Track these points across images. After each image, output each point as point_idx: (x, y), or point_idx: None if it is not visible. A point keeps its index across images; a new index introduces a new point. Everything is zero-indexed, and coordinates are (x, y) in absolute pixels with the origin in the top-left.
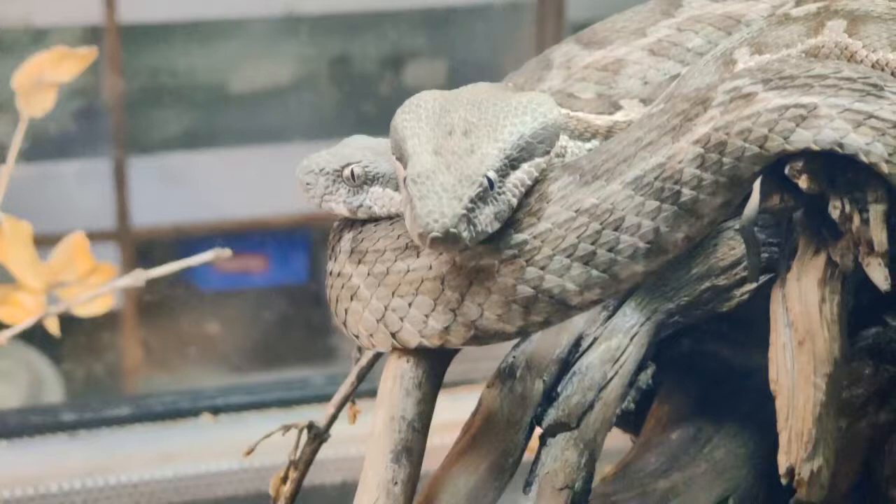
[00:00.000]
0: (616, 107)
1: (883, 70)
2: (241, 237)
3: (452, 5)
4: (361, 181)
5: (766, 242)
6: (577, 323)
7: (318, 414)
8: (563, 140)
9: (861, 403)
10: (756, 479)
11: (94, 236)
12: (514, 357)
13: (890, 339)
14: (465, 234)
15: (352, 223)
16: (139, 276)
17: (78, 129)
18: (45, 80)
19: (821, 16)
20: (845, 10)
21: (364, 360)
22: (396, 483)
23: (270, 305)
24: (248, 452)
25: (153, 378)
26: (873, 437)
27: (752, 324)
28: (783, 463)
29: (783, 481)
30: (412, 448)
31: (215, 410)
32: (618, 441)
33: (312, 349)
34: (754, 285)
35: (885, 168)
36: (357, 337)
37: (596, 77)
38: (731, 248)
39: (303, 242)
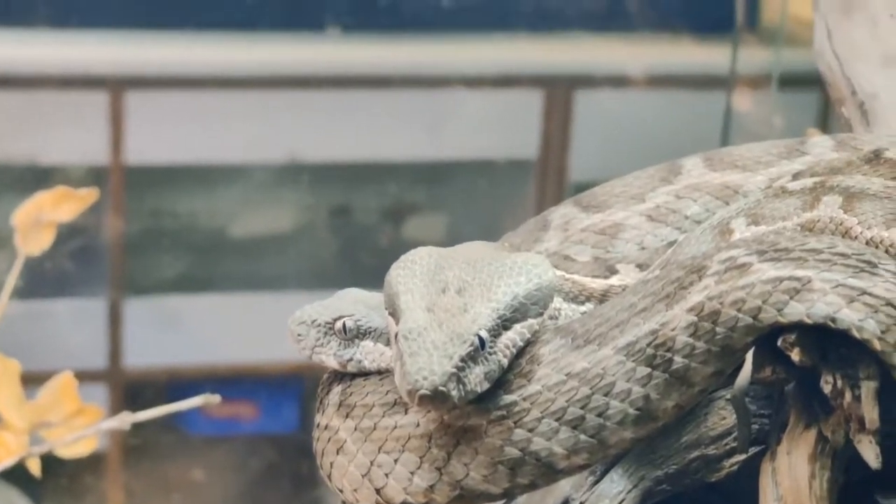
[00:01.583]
0: (612, 271)
1: (877, 247)
2: (233, 383)
3: (454, 160)
4: (353, 335)
5: (757, 414)
6: (564, 487)
7: None
8: (558, 302)
9: None
10: None
11: (85, 376)
12: None
13: None
14: (454, 393)
15: (341, 376)
16: (125, 420)
17: (75, 267)
18: (44, 218)
19: (817, 191)
20: (841, 186)
21: None
22: None
23: (258, 454)
24: None
25: None
26: None
27: (741, 496)
28: None
29: None
30: None
31: None
32: None
33: (299, 501)
34: (744, 456)
35: (877, 345)
36: (341, 491)
37: (593, 240)
38: (722, 417)
39: (294, 391)
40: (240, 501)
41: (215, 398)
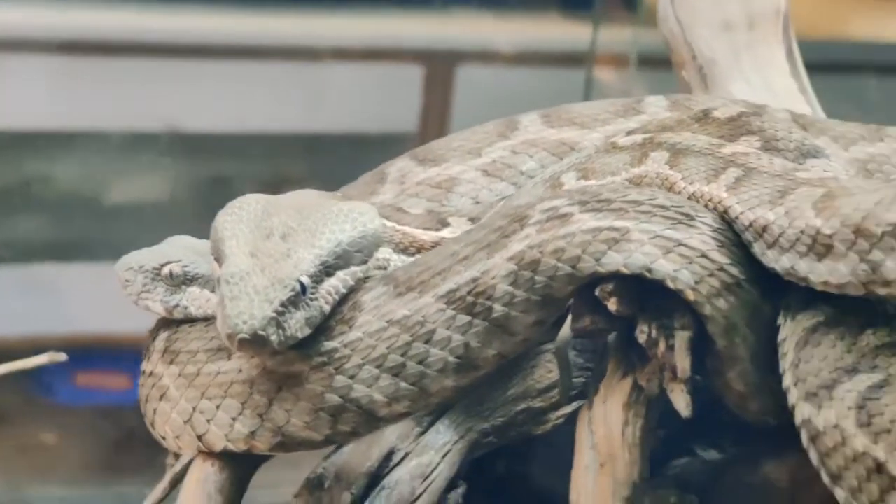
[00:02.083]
0: (444, 224)
1: (698, 202)
2: (105, 354)
3: (334, 132)
4: (180, 281)
5: (583, 367)
6: (389, 437)
7: None
8: (388, 253)
9: None
10: None
11: None
12: (323, 468)
13: (697, 469)
14: (273, 338)
15: (169, 323)
16: None
17: None
18: None
19: (645, 147)
20: (669, 142)
21: (178, 466)
22: None
23: (120, 422)
24: None
25: None
26: None
27: (567, 448)
28: None
29: None
30: None
31: None
32: None
33: (152, 466)
34: (569, 409)
35: (690, 295)
36: (164, 439)
37: (429, 193)
38: (549, 370)
39: None
40: (93, 466)
41: (60, 356)
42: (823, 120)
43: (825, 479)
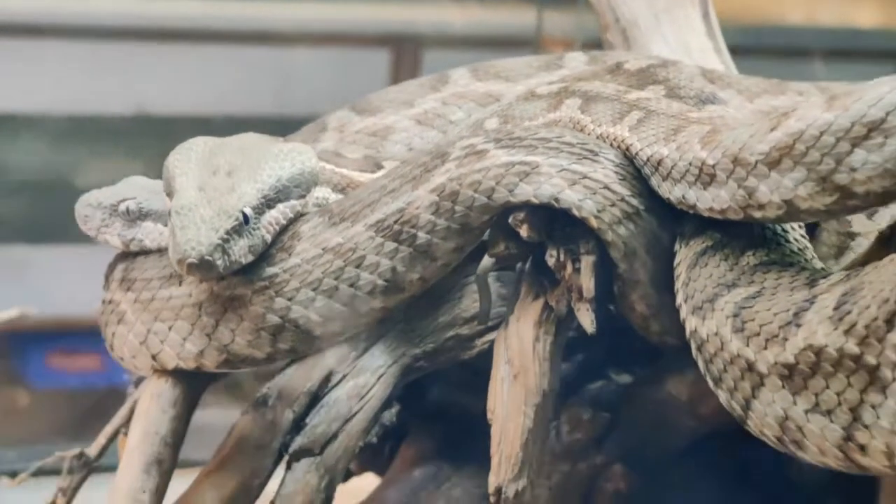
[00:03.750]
0: (379, 167)
1: (605, 141)
2: (79, 335)
3: (302, 116)
4: (135, 216)
5: (506, 297)
6: (329, 360)
7: None
8: (326, 192)
9: (581, 447)
10: None
11: None
12: (268, 388)
13: (610, 390)
14: (219, 263)
15: (126, 255)
16: None
17: None
18: None
19: (561, 94)
20: (581, 90)
21: (139, 393)
22: (145, 492)
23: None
24: (17, 482)
25: None
26: (591, 477)
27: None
28: (492, 482)
29: (491, 500)
30: (163, 460)
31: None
32: None
33: None
34: (493, 336)
35: (594, 223)
36: (122, 360)
37: (366, 141)
38: (474, 301)
39: None
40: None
41: (30, 309)
42: (731, 75)
43: (710, 383)
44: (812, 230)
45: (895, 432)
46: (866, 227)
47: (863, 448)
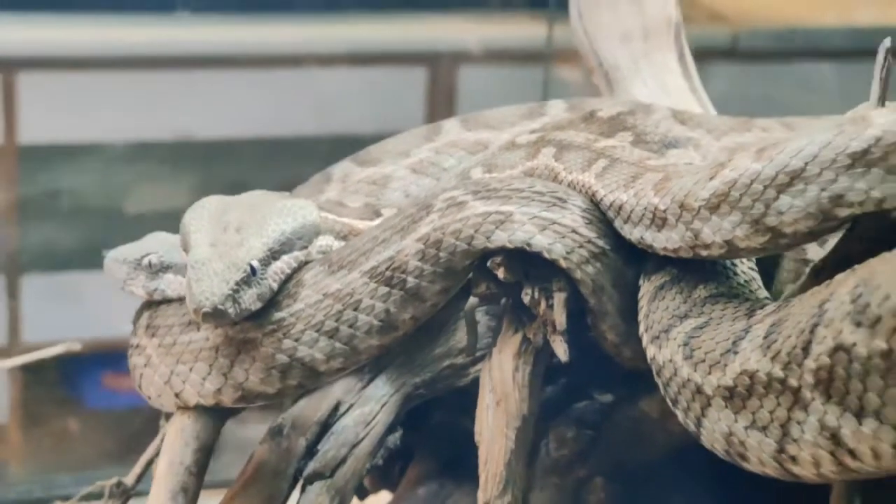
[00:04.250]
0: (378, 214)
1: (575, 188)
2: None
3: (343, 135)
4: (157, 269)
5: (494, 328)
6: (336, 391)
7: None
8: (330, 240)
9: (567, 462)
10: None
11: None
12: (282, 419)
13: (593, 409)
14: (230, 311)
15: (150, 304)
16: None
17: None
18: None
19: (538, 144)
20: (556, 139)
21: (169, 426)
22: None
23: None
24: None
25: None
26: (576, 490)
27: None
28: (481, 499)
29: None
30: (188, 488)
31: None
32: None
33: None
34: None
35: (563, 263)
36: (150, 398)
37: (366, 189)
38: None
39: None
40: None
41: (75, 345)
42: (700, 114)
43: (669, 403)
44: (778, 257)
45: (818, 444)
46: (819, 255)
47: (794, 459)
